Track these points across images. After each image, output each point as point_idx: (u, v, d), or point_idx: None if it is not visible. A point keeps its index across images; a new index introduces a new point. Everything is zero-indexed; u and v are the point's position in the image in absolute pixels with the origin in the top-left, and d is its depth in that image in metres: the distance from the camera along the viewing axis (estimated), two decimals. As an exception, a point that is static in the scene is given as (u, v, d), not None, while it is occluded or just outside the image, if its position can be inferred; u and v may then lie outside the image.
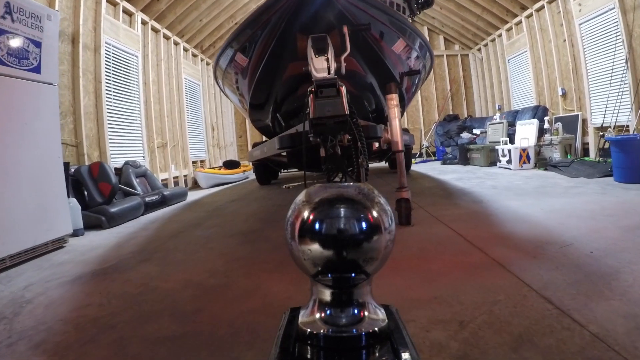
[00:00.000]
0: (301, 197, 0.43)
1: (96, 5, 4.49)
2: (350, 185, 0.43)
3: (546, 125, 5.72)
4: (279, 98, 2.75)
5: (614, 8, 4.76)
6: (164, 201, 4.33)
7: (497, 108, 8.35)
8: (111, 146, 4.53)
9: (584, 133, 5.60)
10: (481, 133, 7.47)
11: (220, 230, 2.79)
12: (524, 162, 5.37)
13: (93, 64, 4.40)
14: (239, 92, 3.06)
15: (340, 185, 0.43)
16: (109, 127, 4.55)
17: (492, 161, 6.09)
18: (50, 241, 2.54)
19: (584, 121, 5.61)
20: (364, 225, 0.38)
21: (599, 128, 5.08)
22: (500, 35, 7.86)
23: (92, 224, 3.25)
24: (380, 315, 0.42)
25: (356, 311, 0.41)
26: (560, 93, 6.05)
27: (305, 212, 0.39)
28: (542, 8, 6.26)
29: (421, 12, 3.96)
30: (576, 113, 5.70)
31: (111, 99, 4.70)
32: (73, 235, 2.90)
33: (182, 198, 4.83)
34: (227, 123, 9.11)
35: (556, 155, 5.32)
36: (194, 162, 7.06)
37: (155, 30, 5.95)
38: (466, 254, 1.78)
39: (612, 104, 4.77)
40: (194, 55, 7.55)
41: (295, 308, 0.45)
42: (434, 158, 8.66)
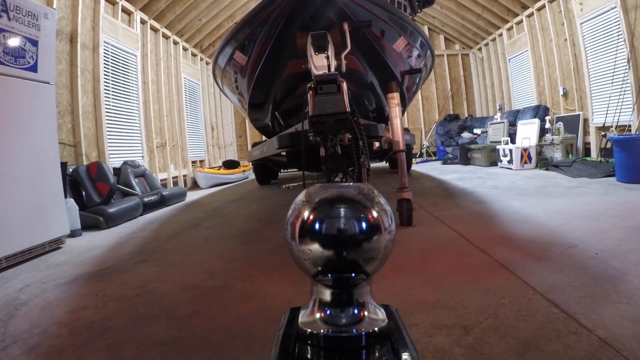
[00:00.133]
0: (301, 197, 0.43)
1: (95, 4, 4.46)
2: (350, 185, 0.43)
3: (547, 125, 5.69)
4: (278, 97, 2.72)
5: (615, 7, 4.73)
6: (162, 201, 4.30)
7: (497, 108, 8.32)
8: (110, 146, 4.51)
9: (585, 133, 5.57)
10: (482, 133, 7.44)
11: (219, 231, 2.76)
12: (525, 162, 5.34)
13: (91, 63, 4.37)
14: (238, 91, 3.03)
15: (340, 185, 0.43)
16: (108, 127, 4.52)
17: (493, 161, 6.06)
18: (47, 242, 2.51)
19: (585, 121, 5.58)
20: (364, 225, 0.38)
21: (601, 128, 5.05)
22: (501, 35, 7.83)
23: (90, 225, 3.22)
24: (380, 315, 0.42)
25: (356, 311, 0.41)
26: (561, 92, 6.02)
27: (306, 212, 0.40)
28: (543, 7, 6.23)
29: (422, 10, 3.93)
30: (577, 113, 5.66)
31: (110, 98, 4.67)
32: (70, 236, 2.87)
33: (181, 198, 4.80)
34: (227, 123, 9.08)
35: (557, 155, 5.29)
36: (194, 162, 7.03)
37: (154, 30, 5.92)
38: (469, 255, 1.75)
39: (613, 104, 4.74)
40: (194, 55, 7.52)
41: (295, 308, 0.45)
42: (434, 158, 8.63)
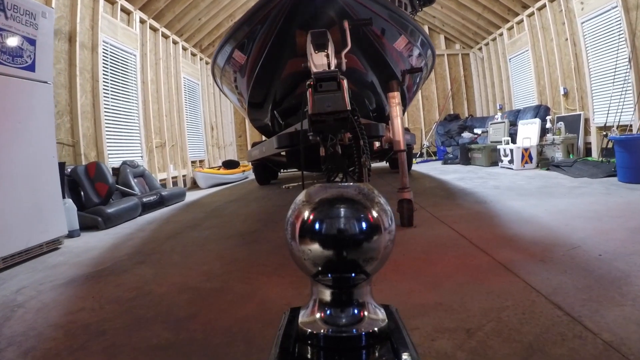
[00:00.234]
0: (301, 197, 0.43)
1: (94, 4, 4.44)
2: (350, 185, 0.43)
3: (548, 125, 5.67)
4: (278, 96, 2.70)
5: (616, 6, 4.71)
6: (162, 201, 4.28)
7: (498, 107, 8.30)
8: (109, 146, 4.49)
9: (586, 132, 5.55)
10: (482, 133, 7.42)
11: (219, 232, 2.74)
12: (526, 162, 5.32)
13: (90, 62, 4.35)
14: (238, 91, 3.00)
15: (340, 185, 0.42)
16: (107, 127, 4.49)
17: (493, 161, 6.04)
18: (45, 242, 2.49)
19: (586, 121, 5.56)
20: (364, 225, 0.38)
21: (602, 127, 5.03)
22: (501, 34, 7.81)
23: (88, 225, 3.20)
24: (380, 315, 0.42)
25: (356, 311, 0.41)
26: (562, 92, 6.00)
27: (306, 212, 0.40)
28: (543, 6, 6.21)
29: (423, 8, 3.91)
30: (578, 112, 5.64)
31: (109, 98, 4.65)
32: (69, 237, 2.85)
33: (180, 198, 4.78)
34: (227, 123, 9.06)
35: (558, 155, 5.27)
36: (193, 162, 7.01)
37: (153, 29, 5.89)
38: (471, 256, 1.73)
39: (615, 104, 4.72)
40: (193, 55, 7.50)
41: (295, 308, 0.45)
42: (434, 158, 8.61)
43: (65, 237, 2.76)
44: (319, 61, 1.55)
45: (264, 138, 4.66)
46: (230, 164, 6.95)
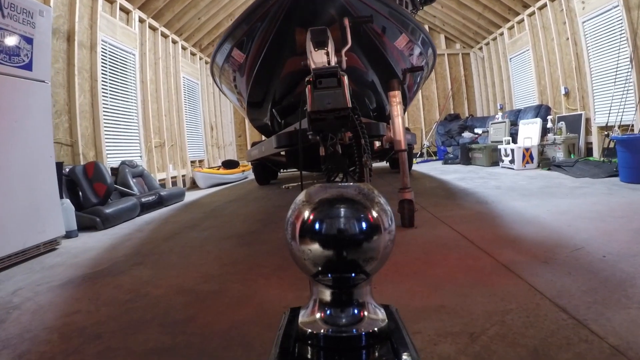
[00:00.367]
0: (301, 197, 0.43)
1: (92, 3, 4.41)
2: (350, 185, 0.43)
3: (549, 125, 5.64)
4: (277, 96, 2.67)
5: (618, 6, 4.68)
6: (160, 202, 4.25)
7: (498, 107, 8.27)
8: (107, 146, 4.46)
9: (587, 132, 5.52)
10: (483, 132, 7.39)
11: (217, 232, 2.71)
12: (527, 162, 5.30)
13: (89, 62, 4.32)
14: (237, 90, 2.98)
15: (340, 185, 0.43)
16: (105, 126, 4.47)
17: (494, 161, 6.01)
18: (42, 243, 2.46)
19: (587, 120, 5.53)
20: (363, 225, 0.38)
21: (603, 127, 5.00)
22: (502, 34, 7.78)
23: (86, 225, 3.17)
24: (380, 315, 0.42)
25: (356, 311, 0.41)
26: (563, 92, 5.97)
27: (306, 212, 0.40)
28: (544, 6, 6.18)
29: (423, 7, 3.89)
30: (579, 112, 5.62)
31: (107, 97, 4.62)
32: (66, 237, 2.83)
33: (179, 198, 4.76)
34: (226, 122, 9.03)
35: (559, 155, 5.25)
36: (193, 162, 6.99)
37: (152, 29, 5.87)
38: (473, 257, 1.70)
39: (616, 103, 4.69)
40: (193, 54, 7.47)
41: (295, 308, 0.45)
42: (435, 158, 8.58)
43: (63, 237, 2.74)
44: (318, 59, 1.52)
45: (263, 138, 4.63)
46: (229, 164, 6.93)
